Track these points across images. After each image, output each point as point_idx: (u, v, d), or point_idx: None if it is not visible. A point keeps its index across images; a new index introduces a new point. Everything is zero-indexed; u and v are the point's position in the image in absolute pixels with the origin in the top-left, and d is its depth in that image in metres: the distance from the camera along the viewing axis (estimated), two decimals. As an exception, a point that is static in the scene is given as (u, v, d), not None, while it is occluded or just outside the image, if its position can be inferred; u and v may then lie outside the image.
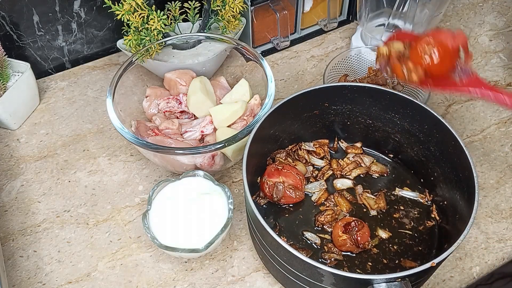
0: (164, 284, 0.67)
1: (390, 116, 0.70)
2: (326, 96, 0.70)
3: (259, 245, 0.61)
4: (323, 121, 0.74)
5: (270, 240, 0.56)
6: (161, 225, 0.66)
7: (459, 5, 1.08)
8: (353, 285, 0.53)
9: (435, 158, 0.68)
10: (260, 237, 0.59)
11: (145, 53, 0.80)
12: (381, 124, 0.72)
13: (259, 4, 0.89)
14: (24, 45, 0.90)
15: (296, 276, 0.57)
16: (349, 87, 0.69)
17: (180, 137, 0.77)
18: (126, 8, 0.79)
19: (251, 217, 0.60)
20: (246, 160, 0.60)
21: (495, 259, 0.69)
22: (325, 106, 0.71)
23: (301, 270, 0.55)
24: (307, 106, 0.71)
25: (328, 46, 1.00)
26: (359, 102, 0.71)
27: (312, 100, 0.70)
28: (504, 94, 0.61)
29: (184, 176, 0.70)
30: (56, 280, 0.68)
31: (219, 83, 0.84)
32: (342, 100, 0.71)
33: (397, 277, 0.51)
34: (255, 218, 0.56)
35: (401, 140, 0.72)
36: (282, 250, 0.54)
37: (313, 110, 0.72)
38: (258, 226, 0.57)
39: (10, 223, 0.74)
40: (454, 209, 0.63)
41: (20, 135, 0.85)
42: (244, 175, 0.59)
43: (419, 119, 0.67)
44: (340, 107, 0.72)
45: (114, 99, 0.73)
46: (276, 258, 0.58)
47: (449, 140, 0.63)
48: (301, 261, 0.53)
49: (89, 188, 0.78)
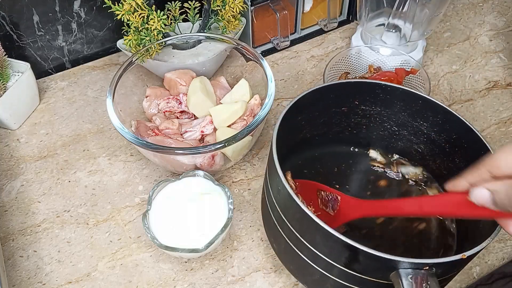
0: (164, 284, 0.67)
1: (418, 123, 0.67)
2: (357, 93, 0.67)
3: (276, 224, 0.58)
4: (348, 121, 0.70)
5: (293, 212, 0.53)
6: (161, 225, 0.66)
7: (459, 5, 1.08)
8: (377, 268, 0.49)
9: (459, 171, 0.64)
10: (281, 213, 0.56)
11: (145, 53, 0.80)
12: (406, 132, 0.69)
13: (259, 4, 0.89)
14: (24, 45, 0.90)
15: (314, 257, 0.54)
16: (383, 86, 0.65)
17: (180, 137, 0.77)
18: (126, 8, 0.79)
19: (273, 190, 0.57)
20: (277, 131, 0.58)
21: (495, 259, 0.69)
22: (355, 104, 0.68)
23: (323, 247, 0.52)
24: (338, 99, 0.67)
25: (328, 46, 1.00)
26: (389, 104, 0.67)
27: (344, 94, 0.67)
28: None
29: (184, 176, 0.70)
30: (56, 280, 0.68)
31: (219, 83, 0.84)
32: (373, 100, 0.68)
33: (425, 263, 0.47)
34: (281, 187, 0.53)
35: (424, 151, 0.69)
36: (307, 221, 0.50)
37: (342, 107, 0.68)
38: (282, 197, 0.54)
39: (10, 223, 0.74)
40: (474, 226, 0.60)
41: (20, 135, 0.85)
42: (274, 144, 0.56)
43: (449, 128, 0.64)
44: (369, 108, 0.69)
45: (114, 99, 0.73)
46: (295, 236, 0.54)
47: (478, 150, 0.60)
48: (325, 233, 0.49)
49: (89, 188, 0.78)
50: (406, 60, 0.85)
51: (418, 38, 0.90)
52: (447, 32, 1.02)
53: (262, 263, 0.69)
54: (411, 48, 0.91)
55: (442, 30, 1.02)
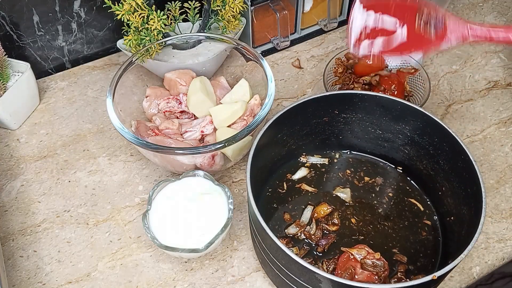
0: (164, 284, 0.67)
1: (401, 127, 0.69)
2: (336, 103, 0.69)
3: (259, 247, 0.61)
4: (332, 128, 0.73)
5: (269, 243, 0.55)
6: (161, 225, 0.66)
7: (459, 5, 1.08)
8: None
9: (444, 172, 0.66)
10: (260, 239, 0.59)
11: (145, 53, 0.80)
12: (391, 135, 0.71)
13: (259, 4, 0.89)
14: (24, 45, 0.90)
15: (293, 281, 0.56)
16: (359, 95, 0.68)
17: (180, 137, 0.77)
18: (126, 8, 0.79)
19: (252, 218, 0.60)
20: (251, 159, 0.60)
21: (495, 259, 0.69)
22: (335, 113, 0.70)
23: (299, 275, 0.55)
24: (316, 112, 0.69)
25: (328, 46, 1.00)
26: (370, 111, 0.69)
27: (322, 107, 0.69)
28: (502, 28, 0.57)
29: (184, 176, 0.70)
30: (56, 280, 0.68)
31: (219, 83, 0.84)
32: (352, 108, 0.69)
33: None
34: (255, 219, 0.56)
35: (411, 152, 0.71)
36: (281, 254, 0.54)
37: (323, 117, 0.71)
38: (258, 227, 0.57)
39: (10, 223, 0.74)
40: (460, 224, 0.62)
41: (20, 135, 0.85)
42: (248, 174, 0.58)
43: (430, 131, 0.66)
44: (350, 115, 0.71)
45: (114, 99, 0.73)
46: (275, 261, 0.57)
47: (459, 154, 0.62)
48: (299, 266, 0.52)
49: (89, 188, 0.78)
50: (406, 60, 0.85)
51: (418, 38, 0.90)
52: (447, 32, 1.02)
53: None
54: (411, 48, 0.91)
55: (442, 30, 1.02)
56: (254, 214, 0.56)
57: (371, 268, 0.60)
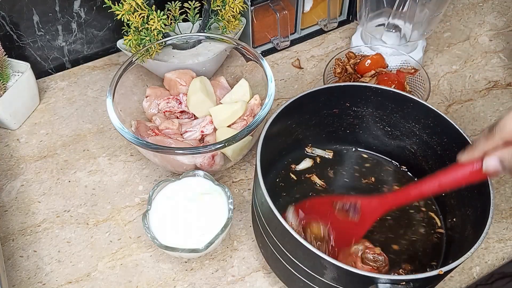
0: (164, 284, 0.67)
1: (410, 125, 0.68)
2: (348, 95, 0.68)
3: (263, 234, 0.60)
4: (341, 121, 0.72)
5: (275, 225, 0.54)
6: (161, 225, 0.66)
7: (459, 5, 1.08)
8: (356, 282, 0.52)
9: None
10: (265, 224, 0.57)
11: (145, 53, 0.80)
12: (399, 133, 0.70)
13: (259, 4, 0.89)
14: (24, 45, 0.90)
15: (297, 268, 0.55)
16: (373, 89, 0.67)
17: (180, 137, 0.77)
18: (126, 8, 0.79)
19: (258, 200, 0.58)
20: (263, 138, 0.59)
21: (495, 259, 0.69)
22: (346, 106, 0.69)
23: (304, 260, 0.54)
24: (328, 102, 0.68)
25: (328, 46, 1.00)
26: (381, 106, 0.68)
27: (335, 97, 0.68)
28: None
29: (184, 176, 0.70)
30: (56, 280, 0.68)
31: (219, 83, 0.84)
32: (364, 102, 0.68)
33: (402, 280, 0.50)
34: (264, 201, 0.54)
35: (417, 152, 0.70)
36: (287, 237, 0.52)
37: (333, 109, 0.69)
38: (265, 209, 0.56)
39: (10, 223, 0.74)
40: (463, 225, 0.62)
41: (20, 135, 0.85)
42: (258, 157, 0.58)
43: (440, 131, 0.65)
44: (361, 109, 0.70)
45: (114, 99, 0.73)
46: (280, 247, 0.56)
47: None
48: (305, 250, 0.51)
49: (89, 188, 0.78)
50: (406, 60, 0.85)
51: (418, 38, 0.90)
52: (447, 32, 1.02)
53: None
54: (411, 48, 0.91)
55: (442, 30, 1.02)
56: (261, 195, 0.55)
57: (372, 262, 0.60)
